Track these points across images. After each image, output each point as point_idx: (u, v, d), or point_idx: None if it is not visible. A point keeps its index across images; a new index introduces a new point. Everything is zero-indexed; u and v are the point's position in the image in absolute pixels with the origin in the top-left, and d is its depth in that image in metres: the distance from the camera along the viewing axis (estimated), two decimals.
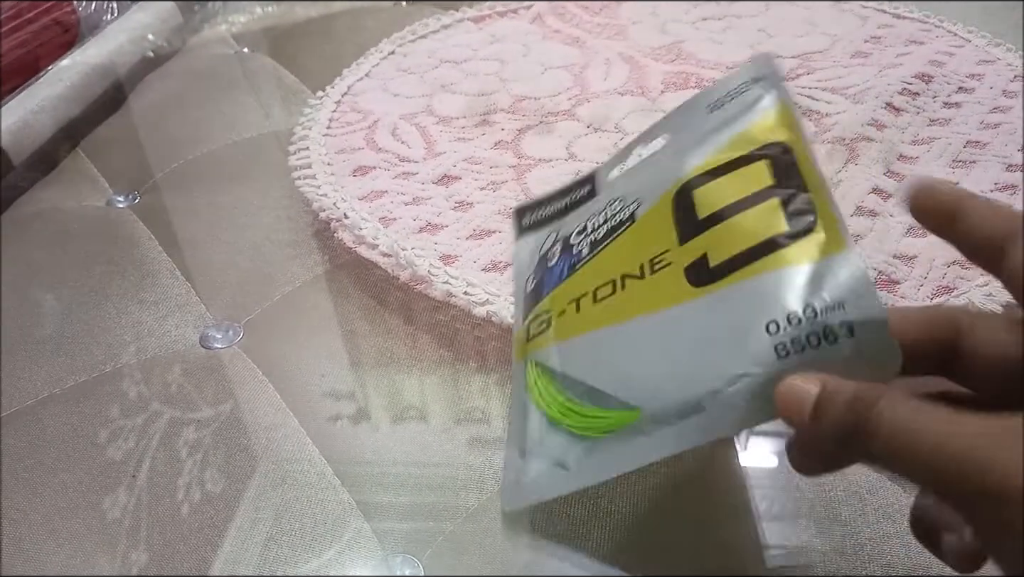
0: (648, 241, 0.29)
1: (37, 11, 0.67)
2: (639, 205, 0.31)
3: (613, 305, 0.29)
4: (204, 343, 0.40)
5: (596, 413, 0.27)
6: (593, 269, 0.31)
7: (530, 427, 0.29)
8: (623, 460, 0.26)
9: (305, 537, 0.31)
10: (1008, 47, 0.59)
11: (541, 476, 0.28)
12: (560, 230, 0.35)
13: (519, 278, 0.35)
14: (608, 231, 0.31)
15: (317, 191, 0.48)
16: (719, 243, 0.27)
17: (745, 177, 0.28)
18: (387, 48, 0.65)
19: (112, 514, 0.32)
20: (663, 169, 0.31)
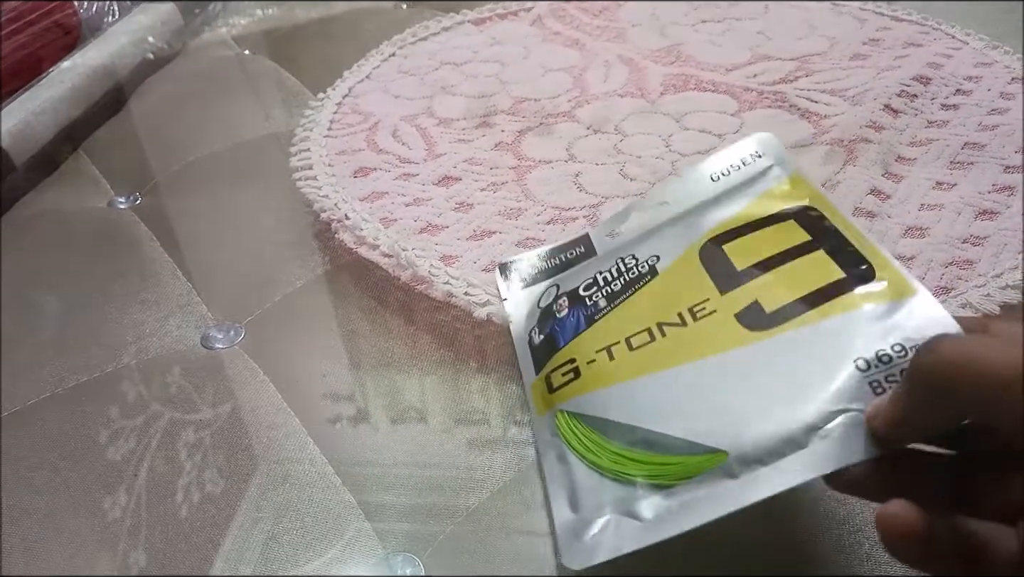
0: (679, 292, 0.30)
1: (38, 13, 0.67)
2: (659, 260, 0.32)
3: (657, 352, 0.29)
4: (205, 343, 0.40)
5: (663, 460, 0.26)
6: (618, 319, 0.31)
7: (577, 478, 0.28)
8: (715, 506, 0.24)
9: (306, 536, 0.31)
10: (1006, 49, 0.59)
11: (610, 529, 0.26)
12: (560, 285, 0.35)
13: (519, 333, 0.35)
14: (626, 284, 0.32)
15: (318, 192, 0.48)
16: (770, 291, 0.28)
17: (777, 233, 0.30)
18: (388, 50, 0.65)
19: (113, 514, 0.32)
20: (680, 226, 0.33)
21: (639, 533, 0.25)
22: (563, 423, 0.29)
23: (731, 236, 0.31)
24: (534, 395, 0.32)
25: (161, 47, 0.70)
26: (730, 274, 0.29)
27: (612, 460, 0.27)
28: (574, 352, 0.31)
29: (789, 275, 0.28)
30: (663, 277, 0.31)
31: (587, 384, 0.29)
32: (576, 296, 0.34)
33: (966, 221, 0.42)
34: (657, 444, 0.26)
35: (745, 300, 0.28)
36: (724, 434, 0.25)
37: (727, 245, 0.31)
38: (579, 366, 0.30)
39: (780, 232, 0.30)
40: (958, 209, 0.43)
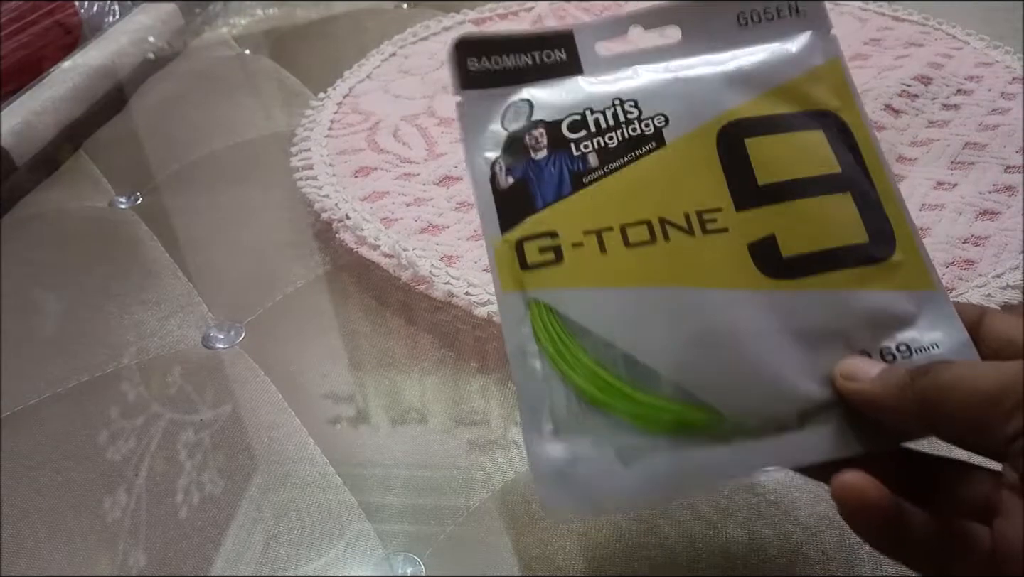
0: (688, 181, 0.26)
1: (39, 13, 0.67)
2: (666, 123, 0.27)
3: (657, 258, 0.25)
4: (206, 343, 0.40)
5: (651, 400, 0.24)
6: (612, 193, 0.26)
7: (555, 398, 0.24)
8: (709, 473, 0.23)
9: (307, 537, 0.31)
10: (1007, 49, 0.59)
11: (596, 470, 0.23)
12: (535, 103, 0.28)
13: (472, 147, 0.28)
14: (624, 144, 0.27)
15: (319, 192, 0.48)
16: (789, 230, 0.25)
17: (805, 148, 0.27)
18: (388, 50, 0.65)
19: (113, 514, 0.32)
20: (695, 84, 0.28)
21: (626, 484, 0.23)
22: (537, 318, 0.25)
23: (756, 128, 0.27)
24: (498, 259, 0.26)
25: (162, 47, 0.70)
26: (749, 186, 0.26)
27: (594, 383, 0.24)
28: (556, 223, 0.26)
29: (812, 215, 0.26)
30: (671, 151, 0.27)
31: (571, 276, 0.25)
32: (559, 135, 0.27)
33: (967, 221, 0.42)
34: (644, 377, 0.24)
35: (762, 230, 0.25)
36: (722, 393, 0.23)
37: (750, 140, 0.26)
38: (562, 246, 0.25)
39: (808, 146, 0.27)
40: (959, 209, 0.43)
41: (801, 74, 0.28)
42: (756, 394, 0.23)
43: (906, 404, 0.21)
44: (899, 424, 0.22)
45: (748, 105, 0.27)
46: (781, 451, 0.23)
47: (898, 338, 0.24)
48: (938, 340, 0.24)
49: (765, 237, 0.25)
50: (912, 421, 0.22)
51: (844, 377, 0.23)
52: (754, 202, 0.26)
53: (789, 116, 0.27)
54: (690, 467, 0.23)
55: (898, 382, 0.22)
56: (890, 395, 0.22)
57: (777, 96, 0.27)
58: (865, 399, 0.23)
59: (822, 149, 0.27)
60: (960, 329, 0.24)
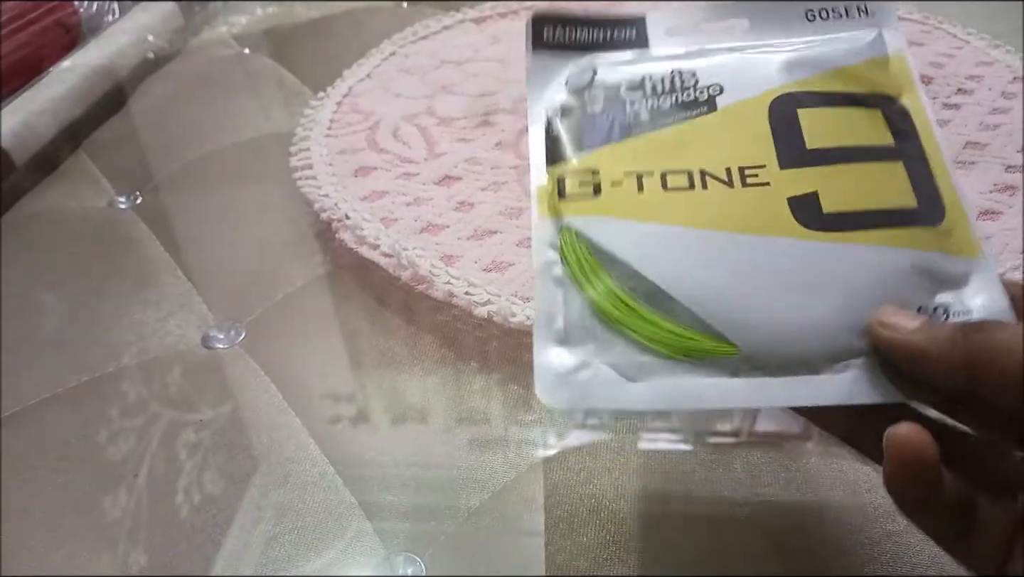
0: (735, 142, 0.27)
1: (39, 12, 0.67)
2: (721, 92, 0.28)
3: (692, 203, 0.25)
4: (206, 343, 0.40)
5: (666, 326, 0.24)
6: (658, 144, 0.27)
7: (570, 310, 0.25)
8: (712, 398, 0.23)
9: (307, 537, 0.31)
10: (1007, 49, 0.59)
11: (599, 379, 0.24)
12: (598, 68, 0.30)
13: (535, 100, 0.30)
14: (676, 106, 0.28)
15: (318, 192, 0.48)
16: (834, 188, 0.25)
17: (860, 121, 0.27)
18: (388, 49, 0.65)
19: (113, 514, 0.32)
20: (754, 63, 0.29)
21: (625, 394, 0.23)
22: (566, 240, 0.26)
23: (811, 100, 0.27)
24: (539, 191, 0.28)
25: (161, 46, 0.70)
26: (796, 148, 0.26)
27: (611, 302, 0.24)
28: (599, 163, 0.27)
29: (860, 177, 0.25)
30: (721, 115, 0.27)
31: (605, 206, 0.26)
32: (615, 95, 0.29)
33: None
34: (662, 304, 0.24)
35: (804, 186, 0.25)
36: (739, 327, 0.23)
37: (803, 110, 0.27)
38: (600, 182, 0.27)
39: (864, 120, 0.27)
40: None
41: (864, 60, 0.28)
42: (776, 334, 0.23)
43: (952, 359, 0.20)
44: (937, 379, 0.21)
45: (806, 81, 0.28)
46: (793, 391, 0.23)
47: (937, 299, 0.23)
48: (978, 306, 0.23)
49: (807, 193, 0.25)
50: (955, 378, 0.20)
51: (882, 325, 0.22)
52: (800, 162, 0.26)
53: (847, 93, 0.27)
54: (696, 390, 0.23)
55: (947, 336, 0.21)
56: (936, 348, 0.21)
57: (837, 76, 0.28)
58: (906, 348, 0.22)
59: (878, 123, 0.26)
60: (1003, 298, 0.23)
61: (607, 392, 0.23)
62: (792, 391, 0.23)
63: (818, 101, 0.27)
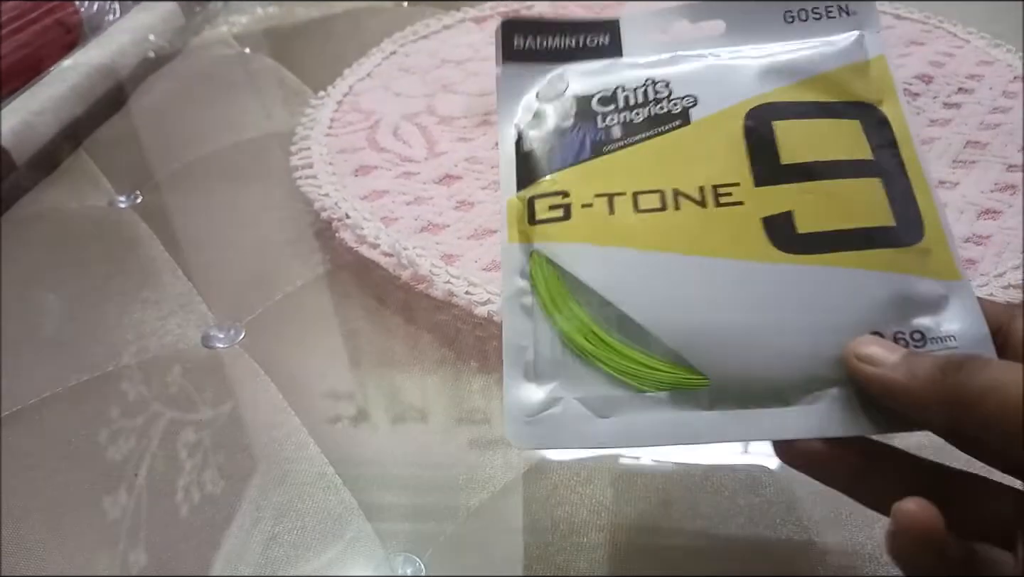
0: (709, 158, 0.26)
1: (40, 12, 0.67)
2: (695, 104, 0.27)
3: (664, 225, 0.25)
4: (206, 343, 0.40)
5: (636, 357, 0.23)
6: (630, 162, 0.26)
7: (540, 342, 0.24)
8: (683, 433, 0.23)
9: (306, 537, 0.31)
10: (1008, 48, 0.58)
11: (564, 414, 0.23)
12: (569, 80, 0.29)
13: (505, 113, 0.29)
14: (649, 120, 0.27)
15: (319, 191, 0.48)
16: (810, 207, 0.24)
17: (837, 134, 0.26)
18: (388, 48, 0.65)
19: (113, 514, 0.32)
20: (729, 71, 0.28)
21: (595, 432, 0.23)
22: (536, 268, 0.25)
23: (787, 111, 0.26)
24: (509, 214, 0.27)
25: (162, 46, 0.70)
26: (771, 164, 0.25)
27: (582, 333, 0.24)
28: (570, 183, 0.26)
29: (836, 195, 0.25)
30: (695, 128, 0.27)
31: (575, 232, 0.25)
32: (587, 108, 0.28)
33: (968, 220, 0.42)
34: (633, 334, 0.23)
35: (778, 205, 0.24)
36: (711, 358, 0.23)
37: (779, 123, 0.26)
38: (571, 204, 0.26)
39: (842, 132, 0.26)
40: (960, 208, 0.43)
41: (843, 66, 0.27)
42: (748, 364, 0.23)
43: (933, 399, 0.20)
44: (917, 416, 0.21)
45: (782, 90, 0.27)
46: (767, 424, 0.22)
47: (914, 324, 0.23)
48: (955, 332, 0.23)
49: (782, 212, 0.24)
50: (935, 417, 0.20)
51: (861, 359, 0.22)
52: (775, 179, 0.25)
53: (825, 104, 0.26)
54: (667, 426, 0.23)
55: (926, 374, 0.20)
56: (916, 386, 0.20)
57: (814, 84, 0.27)
58: (885, 385, 0.21)
59: (856, 136, 0.26)
60: (981, 324, 0.23)
61: (576, 430, 0.23)
62: (764, 424, 0.22)
63: (794, 112, 0.26)
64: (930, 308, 0.23)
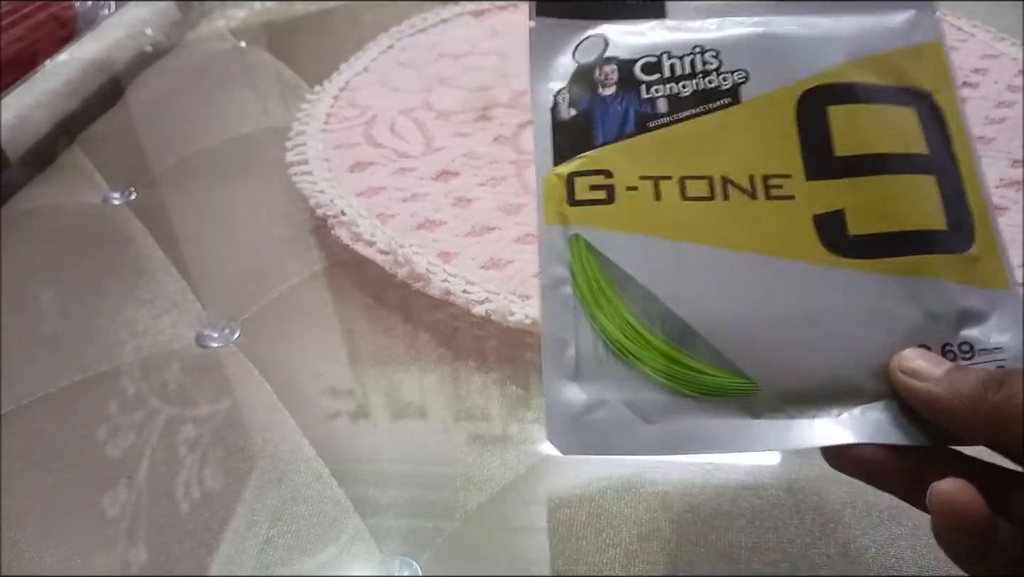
0: (759, 144, 0.25)
1: (35, 6, 0.67)
2: (745, 81, 0.26)
3: (713, 216, 0.24)
4: (200, 342, 0.39)
5: (682, 359, 0.23)
6: (676, 142, 0.25)
7: (581, 339, 0.23)
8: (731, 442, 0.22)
9: (302, 540, 0.30)
10: (1013, 42, 0.58)
11: (613, 421, 0.22)
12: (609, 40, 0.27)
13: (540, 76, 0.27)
14: (698, 95, 0.26)
15: (314, 187, 0.47)
16: (861, 206, 0.24)
17: (892, 123, 0.25)
18: (385, 42, 0.64)
19: (109, 514, 0.32)
20: (781, 43, 0.26)
21: (642, 438, 0.22)
22: (575, 253, 0.24)
23: (842, 96, 0.25)
24: (546, 190, 0.25)
25: (158, 40, 0.70)
26: (824, 155, 0.24)
27: (625, 332, 0.23)
28: (613, 162, 0.25)
29: (888, 193, 0.24)
30: (745, 108, 0.25)
31: (619, 218, 0.24)
32: (630, 74, 0.26)
33: None
34: (679, 333, 0.23)
35: (831, 203, 0.24)
36: (760, 363, 0.22)
37: (833, 108, 0.25)
38: (615, 185, 0.24)
39: (897, 121, 0.25)
40: None
41: (899, 47, 0.26)
42: (799, 373, 0.23)
43: (975, 416, 0.20)
44: (960, 432, 0.21)
45: (837, 69, 0.26)
46: (815, 432, 0.22)
47: (962, 335, 0.23)
48: (1004, 343, 0.23)
49: (833, 211, 0.24)
50: (977, 434, 0.20)
51: (905, 373, 0.22)
52: (827, 173, 0.24)
53: (880, 87, 0.26)
54: (715, 433, 0.22)
55: (969, 391, 0.20)
56: (959, 403, 0.20)
57: (870, 65, 0.26)
58: (928, 401, 0.21)
59: (911, 127, 0.25)
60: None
61: (623, 436, 0.22)
62: (814, 432, 0.22)
63: (849, 96, 0.25)
64: (979, 319, 0.23)
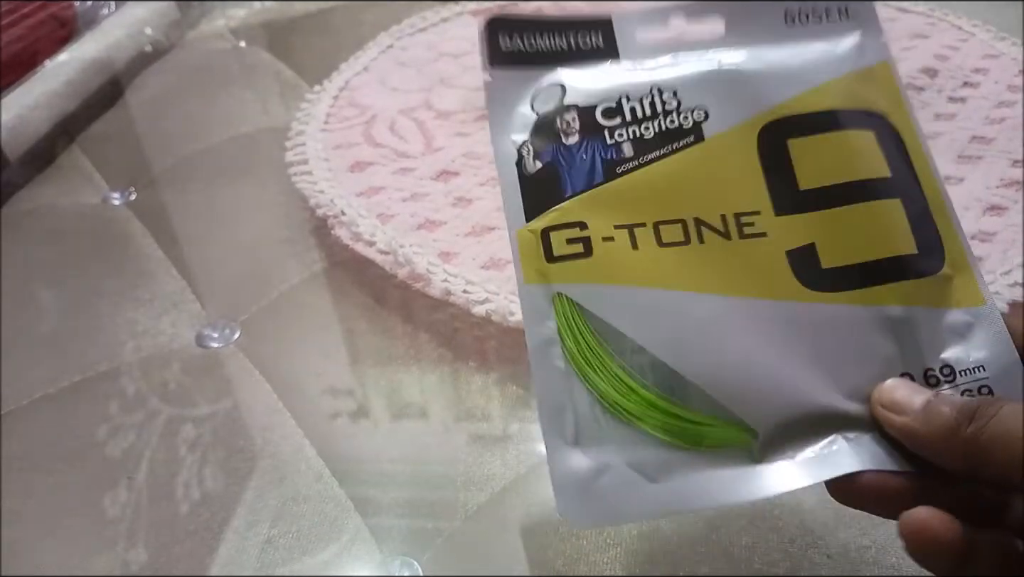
0: (727, 181, 0.25)
1: (34, 6, 0.67)
2: (706, 118, 0.26)
3: (691, 260, 0.24)
4: (200, 342, 0.39)
5: (684, 415, 0.23)
6: (647, 187, 0.25)
7: (578, 403, 0.23)
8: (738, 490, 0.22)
9: (302, 540, 0.30)
10: (1013, 41, 0.58)
11: (621, 484, 0.22)
12: (567, 88, 0.27)
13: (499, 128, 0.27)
14: (661, 136, 0.26)
15: (314, 187, 0.47)
16: (832, 239, 0.24)
17: (852, 150, 0.25)
18: (385, 42, 0.64)
19: (109, 514, 0.32)
20: (737, 79, 0.27)
21: (652, 499, 0.22)
22: (561, 313, 0.24)
23: (800, 127, 0.25)
24: (521, 248, 0.25)
25: (158, 40, 0.70)
26: (790, 190, 0.25)
27: (619, 391, 0.23)
28: (586, 213, 0.25)
29: (857, 222, 0.24)
30: (709, 146, 0.25)
31: (600, 271, 0.24)
32: (592, 121, 0.26)
33: (974, 217, 0.42)
34: (673, 385, 0.23)
35: (801, 237, 0.24)
36: (757, 409, 0.23)
37: (793, 141, 0.25)
38: (591, 237, 0.24)
39: (856, 147, 0.25)
40: (966, 204, 0.43)
41: (850, 71, 0.27)
42: (792, 412, 0.23)
43: (951, 449, 0.20)
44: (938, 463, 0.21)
45: (793, 101, 0.26)
46: (815, 468, 0.22)
47: (942, 358, 0.23)
48: (984, 360, 0.23)
49: (805, 245, 0.24)
50: (954, 465, 0.21)
51: (885, 407, 0.22)
52: (795, 207, 0.25)
53: (836, 113, 0.26)
54: (721, 485, 0.22)
55: (944, 425, 0.21)
56: (935, 437, 0.21)
57: (824, 92, 0.26)
58: (907, 435, 0.22)
59: (871, 151, 0.25)
60: (1010, 349, 0.23)
61: (632, 499, 0.22)
62: (814, 470, 0.22)
63: (808, 127, 0.26)
64: (957, 339, 0.23)
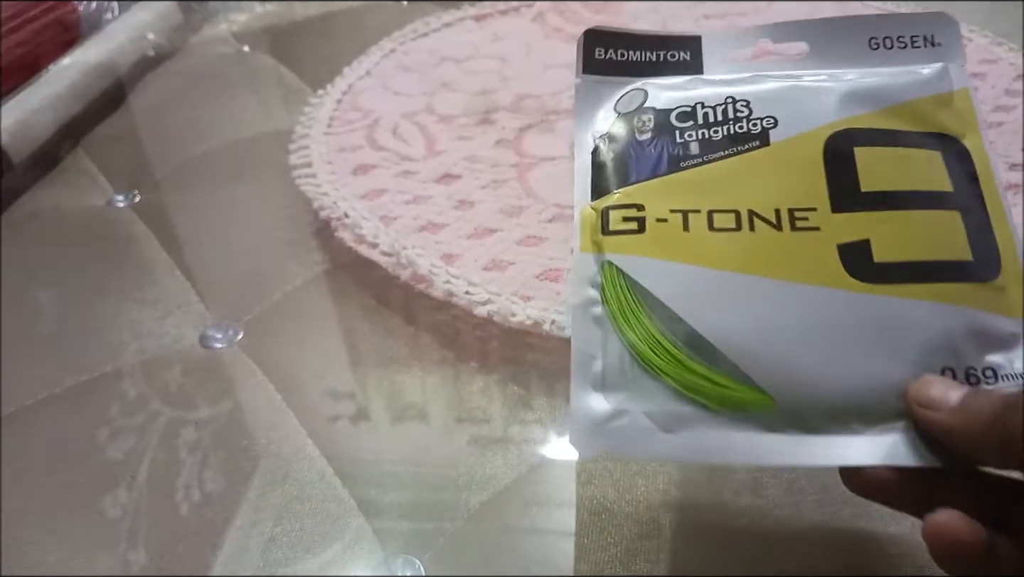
0: (786, 181, 0.26)
1: (38, 10, 0.67)
2: (775, 125, 0.27)
3: (739, 246, 0.25)
4: (204, 343, 0.40)
5: (703, 372, 0.24)
6: (707, 180, 0.27)
7: (609, 353, 0.25)
8: (747, 455, 0.23)
9: (305, 539, 0.30)
10: (1010, 47, 0.58)
11: (634, 428, 0.24)
12: (649, 92, 0.29)
13: (582, 124, 0.29)
14: (728, 139, 0.27)
15: (317, 190, 0.47)
16: (887, 236, 0.25)
17: (918, 164, 0.26)
18: (388, 46, 0.65)
19: (111, 514, 0.32)
20: (810, 93, 0.28)
21: (659, 445, 0.23)
22: (607, 278, 0.26)
23: (869, 138, 0.26)
24: (582, 222, 0.27)
25: (161, 44, 0.70)
26: (850, 191, 0.25)
27: (652, 347, 0.24)
28: (645, 197, 0.26)
29: (914, 226, 0.25)
30: (774, 150, 0.27)
31: (649, 246, 0.25)
32: (666, 122, 0.28)
33: None
34: (703, 352, 0.24)
35: (855, 233, 0.25)
36: (779, 381, 0.23)
37: (860, 149, 0.26)
38: (646, 218, 0.26)
39: (923, 163, 0.26)
40: None
41: (926, 96, 0.27)
42: (817, 391, 0.23)
43: (987, 444, 0.20)
44: (975, 459, 0.21)
45: (865, 117, 0.27)
46: (830, 450, 0.23)
47: (986, 361, 0.23)
48: None
49: (858, 240, 0.25)
50: (991, 461, 0.21)
51: (920, 404, 0.22)
52: (853, 206, 0.25)
53: (906, 132, 0.26)
54: (731, 444, 0.23)
55: (984, 418, 0.20)
56: (972, 428, 0.21)
57: (897, 113, 0.27)
58: (943, 430, 0.21)
59: (936, 168, 0.26)
60: None
61: (641, 443, 0.24)
62: (829, 450, 0.23)
63: (876, 140, 0.26)
64: (1004, 345, 0.23)
